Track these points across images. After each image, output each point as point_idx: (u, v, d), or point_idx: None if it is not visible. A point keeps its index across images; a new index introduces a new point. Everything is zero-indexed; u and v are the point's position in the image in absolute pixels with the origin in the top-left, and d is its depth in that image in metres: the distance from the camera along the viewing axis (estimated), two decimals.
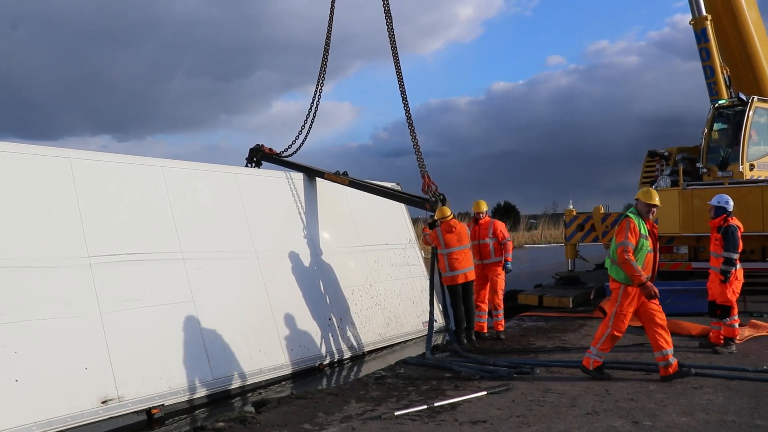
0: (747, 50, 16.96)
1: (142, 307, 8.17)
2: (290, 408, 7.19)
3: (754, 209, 13.89)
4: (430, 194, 10.62)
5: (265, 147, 12.72)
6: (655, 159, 18.34)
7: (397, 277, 12.88)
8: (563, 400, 7.03)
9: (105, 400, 7.28)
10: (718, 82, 16.52)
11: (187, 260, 9.01)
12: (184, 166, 9.89)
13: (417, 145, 10.80)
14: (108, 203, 8.43)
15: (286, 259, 10.66)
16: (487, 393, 7.33)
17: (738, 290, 9.50)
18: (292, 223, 11.24)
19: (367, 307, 11.76)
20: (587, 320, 12.30)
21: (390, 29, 10.92)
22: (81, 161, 8.37)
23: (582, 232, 18.10)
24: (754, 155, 15.66)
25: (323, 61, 12.35)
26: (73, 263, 7.69)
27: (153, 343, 8.09)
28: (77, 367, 7.23)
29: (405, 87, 10.98)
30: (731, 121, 16.29)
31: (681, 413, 6.43)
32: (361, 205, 12.68)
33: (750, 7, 17.00)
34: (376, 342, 11.56)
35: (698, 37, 16.47)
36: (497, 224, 11.06)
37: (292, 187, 11.62)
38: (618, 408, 6.67)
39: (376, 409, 6.93)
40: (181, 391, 8.09)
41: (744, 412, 6.42)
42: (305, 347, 10.09)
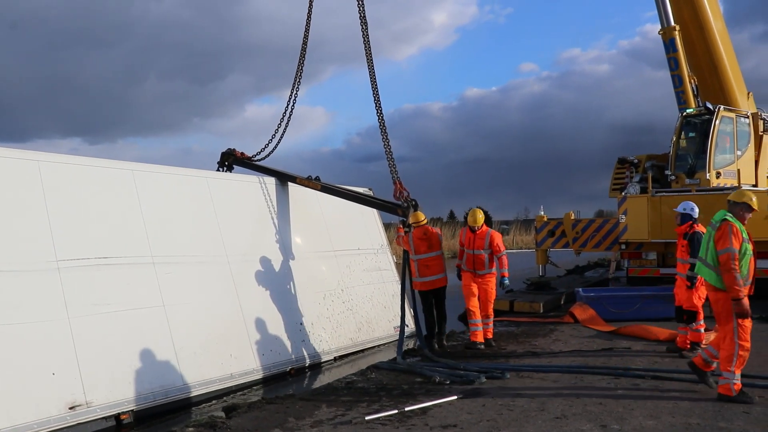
0: (713, 60, 17.29)
1: (111, 312, 8.08)
2: (261, 413, 7.16)
3: None
4: (401, 200, 10.65)
5: (237, 151, 12.66)
6: (625, 166, 18.60)
7: (369, 282, 12.89)
8: (533, 404, 7.09)
9: (73, 406, 7.19)
10: (686, 91, 16.83)
11: (157, 264, 8.93)
12: (155, 169, 9.81)
13: (389, 151, 10.83)
14: (77, 207, 8.34)
15: (258, 263, 10.62)
16: (458, 397, 7.37)
17: (704, 296, 9.65)
18: (263, 227, 11.20)
19: (339, 312, 11.75)
20: (558, 325, 12.42)
21: (365, 35, 10.94)
22: (49, 164, 8.26)
23: (553, 238, 18.28)
24: (720, 163, 15.95)
25: (299, 65, 12.35)
26: (41, 267, 7.58)
27: (122, 348, 8.00)
28: (44, 372, 7.13)
29: (379, 92, 11.01)
30: (698, 130, 16.60)
31: (648, 417, 6.53)
32: (333, 210, 12.68)
33: (716, 18, 17.34)
34: (348, 347, 11.55)
35: (667, 46, 16.77)
36: (494, 236, 10.59)
37: (264, 191, 11.58)
38: (587, 412, 6.75)
39: (346, 414, 6.93)
40: (150, 396, 8.01)
41: (708, 415, 6.53)
42: (276, 352, 10.05)
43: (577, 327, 12.15)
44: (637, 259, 15.75)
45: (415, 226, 10.32)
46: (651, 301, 12.65)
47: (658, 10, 16.85)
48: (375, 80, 11.01)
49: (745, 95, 18.16)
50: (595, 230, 17.85)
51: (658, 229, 14.96)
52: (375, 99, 10.99)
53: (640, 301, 12.69)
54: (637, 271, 15.61)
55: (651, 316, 12.15)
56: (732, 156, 16.17)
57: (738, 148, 16.32)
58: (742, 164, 16.22)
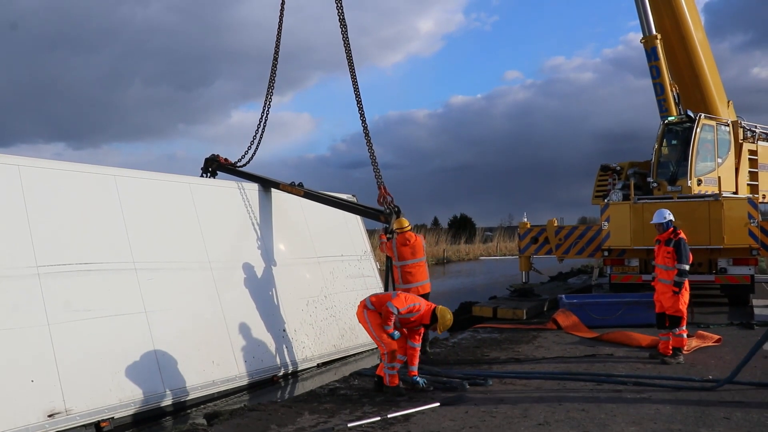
0: (694, 69, 17.48)
1: (92, 318, 8.01)
2: (243, 420, 7.11)
3: (701, 223, 14.27)
4: (385, 206, 10.65)
5: (220, 157, 12.62)
6: (608, 173, 18.73)
7: (353, 288, 12.86)
8: (516, 411, 7.10)
9: (52, 414, 7.10)
10: (668, 99, 16.98)
11: (139, 270, 8.87)
12: (137, 175, 9.75)
13: (373, 157, 10.83)
14: (58, 212, 8.26)
15: (241, 270, 10.57)
16: (441, 404, 7.37)
17: (687, 301, 9.74)
18: (246, 233, 11.16)
19: (322, 318, 11.72)
20: (540, 332, 12.45)
21: (345, 39, 10.94)
22: (30, 169, 8.18)
23: (536, 245, 18.33)
24: (701, 171, 16.09)
25: (272, 70, 12.37)
26: (20, 273, 7.51)
27: (103, 355, 7.93)
28: (23, 379, 7.05)
29: (361, 99, 11.03)
30: (680, 138, 16.74)
31: (630, 423, 6.55)
32: (317, 216, 12.66)
33: (696, 27, 17.54)
34: (331, 353, 11.52)
35: (649, 55, 16.93)
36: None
37: (247, 197, 11.54)
38: (569, 418, 6.76)
39: (329, 421, 6.90)
40: (131, 403, 7.94)
41: (690, 421, 6.57)
42: (259, 359, 10.00)
43: (560, 333, 12.18)
44: (619, 266, 15.82)
45: (399, 233, 10.29)
46: (634, 308, 12.72)
47: (639, 19, 17.01)
48: (357, 85, 11.02)
49: (726, 104, 18.37)
50: (578, 237, 17.91)
51: (640, 236, 15.04)
52: (358, 105, 11.00)
53: (622, 308, 12.75)
54: (620, 277, 15.67)
55: (634, 322, 12.22)
56: (713, 164, 16.31)
57: (719, 156, 16.47)
58: (723, 172, 16.37)
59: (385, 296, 8.33)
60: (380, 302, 8.14)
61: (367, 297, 8.39)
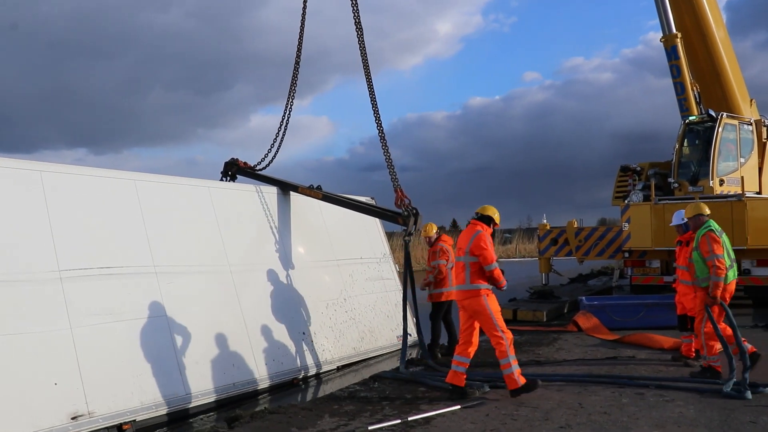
0: (715, 68, 17.31)
1: (113, 322, 8.06)
2: (263, 423, 7.13)
3: (724, 224, 14.01)
4: (402, 208, 10.64)
5: (239, 161, 12.66)
6: (628, 174, 18.62)
7: (372, 291, 12.85)
8: (537, 413, 7.05)
9: (75, 416, 7.15)
10: (689, 99, 16.84)
11: (159, 274, 8.91)
12: (157, 179, 9.80)
13: (389, 159, 10.81)
14: (79, 217, 8.32)
15: (260, 273, 10.60)
16: (461, 407, 7.34)
17: None
18: (266, 237, 11.18)
19: (342, 321, 11.72)
20: (561, 334, 12.38)
21: (360, 41, 10.92)
22: (52, 174, 8.25)
23: (556, 246, 18.27)
24: (723, 171, 15.94)
25: (294, 74, 12.36)
26: (43, 277, 7.57)
27: (124, 358, 7.97)
28: (46, 382, 7.10)
29: (377, 101, 10.96)
30: (701, 137, 16.60)
31: (653, 426, 6.49)
32: (336, 219, 12.66)
33: (718, 26, 17.37)
34: (351, 356, 11.51)
35: (669, 54, 16.80)
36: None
37: (266, 201, 11.57)
38: (591, 422, 6.71)
39: (349, 424, 6.90)
40: (153, 406, 7.97)
41: (714, 425, 6.49)
42: (279, 361, 10.02)
43: (580, 336, 12.11)
44: (640, 267, 15.73)
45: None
46: (655, 309, 12.62)
47: (659, 18, 16.89)
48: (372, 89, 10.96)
49: (748, 102, 18.17)
50: (598, 238, 17.84)
51: (661, 237, 14.93)
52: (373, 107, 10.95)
53: (644, 310, 12.65)
54: (641, 279, 15.58)
55: (655, 324, 12.11)
56: (735, 163, 16.17)
57: (741, 156, 16.32)
58: (746, 171, 16.21)
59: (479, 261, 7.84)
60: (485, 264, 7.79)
61: (468, 279, 7.85)
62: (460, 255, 8.14)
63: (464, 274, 7.96)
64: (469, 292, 7.90)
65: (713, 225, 8.71)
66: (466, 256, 7.98)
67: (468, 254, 7.95)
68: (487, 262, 7.89)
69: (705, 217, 8.86)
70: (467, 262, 7.96)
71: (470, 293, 7.89)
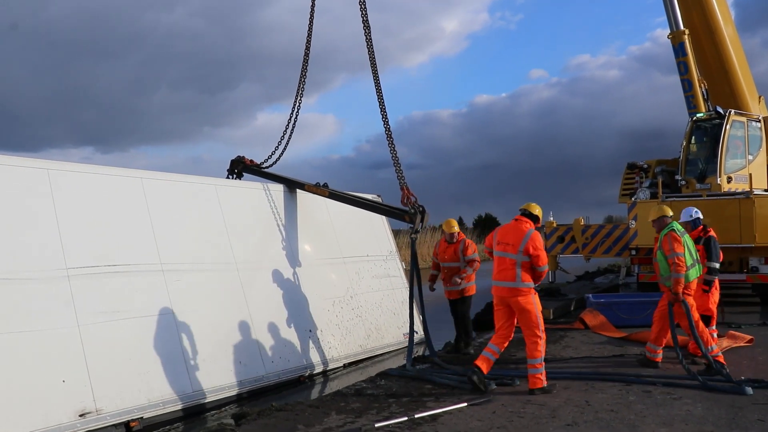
0: (724, 64, 17.21)
1: (120, 319, 8.08)
2: (270, 420, 7.14)
3: (731, 221, 14.08)
4: (409, 206, 10.63)
5: (246, 158, 12.67)
6: (635, 171, 18.54)
7: (378, 288, 12.86)
8: (544, 411, 7.04)
9: (83, 413, 7.18)
10: (696, 96, 16.75)
11: (166, 272, 8.93)
12: (164, 177, 9.82)
13: (395, 157, 10.79)
14: (86, 214, 8.35)
15: (267, 270, 10.61)
16: (468, 405, 7.33)
17: (717, 300, 9.60)
18: (272, 234, 11.20)
19: (348, 318, 11.73)
20: (568, 332, 12.35)
21: (368, 39, 10.91)
22: (59, 172, 8.28)
23: (562, 244, 18.22)
24: (731, 168, 15.86)
25: (302, 72, 12.34)
26: (50, 275, 7.59)
27: (132, 356, 8.00)
28: (54, 379, 7.13)
29: (384, 99, 10.95)
30: (709, 134, 16.52)
31: (661, 424, 6.47)
32: (342, 216, 12.67)
33: (726, 22, 17.27)
34: (357, 354, 11.52)
35: (676, 51, 16.71)
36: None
37: (273, 198, 11.58)
38: (598, 419, 6.69)
39: (356, 421, 6.90)
40: (160, 403, 8.00)
41: (722, 423, 6.47)
42: (285, 359, 10.03)
43: (587, 333, 12.08)
44: (647, 265, 15.64)
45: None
46: None
47: (667, 15, 16.80)
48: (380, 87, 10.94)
49: (757, 99, 18.07)
50: (605, 236, 17.78)
51: None
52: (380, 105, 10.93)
53: (651, 307, 12.58)
54: (648, 276, 15.50)
55: None
56: (743, 160, 16.08)
57: (749, 153, 16.22)
58: (754, 169, 16.11)
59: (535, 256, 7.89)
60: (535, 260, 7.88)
61: (519, 268, 7.87)
62: (505, 251, 8.05)
63: (514, 271, 7.92)
64: (519, 290, 7.90)
65: (676, 226, 9.05)
66: (519, 255, 7.92)
67: (521, 252, 7.91)
68: (542, 263, 7.95)
69: (668, 219, 9.19)
70: (519, 261, 7.92)
71: (521, 291, 7.90)
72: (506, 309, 8.09)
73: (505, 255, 8.03)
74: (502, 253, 8.08)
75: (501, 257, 8.09)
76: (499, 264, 8.13)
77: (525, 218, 8.24)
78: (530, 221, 8.22)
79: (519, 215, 8.32)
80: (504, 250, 8.07)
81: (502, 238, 8.15)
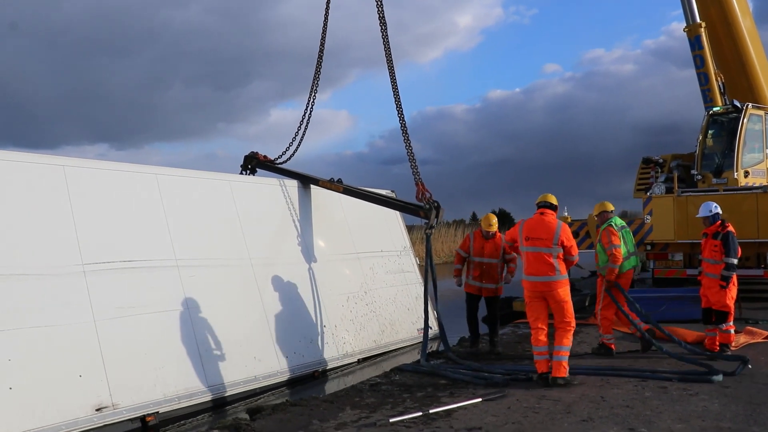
0: (741, 58, 17.06)
1: (136, 315, 8.13)
2: (285, 415, 7.16)
3: (749, 216, 13.95)
4: (424, 202, 10.61)
5: (259, 154, 12.68)
6: (650, 166, 18.42)
7: (392, 284, 12.86)
8: (559, 406, 7.02)
9: (99, 408, 7.23)
10: (713, 89, 16.62)
11: (181, 267, 8.97)
12: (178, 173, 9.87)
13: (411, 153, 10.78)
14: (102, 210, 8.39)
15: (281, 266, 10.63)
16: (482, 400, 7.32)
17: (734, 296, 9.52)
18: (286, 230, 11.21)
19: (362, 314, 11.73)
20: (582, 327, 12.28)
21: (384, 35, 10.90)
22: (75, 169, 8.33)
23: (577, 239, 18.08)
24: (748, 162, 15.73)
25: (317, 68, 12.34)
26: (66, 271, 7.64)
27: (147, 351, 8.04)
28: (71, 374, 7.18)
29: (399, 95, 10.96)
30: (726, 128, 16.38)
31: (677, 420, 6.42)
32: (356, 212, 12.66)
33: (744, 15, 17.11)
34: (371, 349, 11.53)
35: (692, 44, 16.58)
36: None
37: (287, 194, 11.59)
38: (614, 415, 6.66)
39: (371, 416, 6.90)
40: (175, 398, 8.04)
41: (740, 419, 6.41)
42: (300, 354, 10.06)
43: None
44: (662, 260, 15.57)
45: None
46: (677, 303, 12.50)
47: (683, 7, 16.67)
48: (395, 83, 10.94)
49: None
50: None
51: (684, 230, 14.77)
52: (396, 101, 10.93)
53: (666, 303, 12.53)
54: (663, 272, 15.42)
55: (678, 317, 11.97)
56: (761, 154, 15.95)
57: (767, 147, 16.07)
58: None
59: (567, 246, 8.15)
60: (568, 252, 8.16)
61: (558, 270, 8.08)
62: (539, 245, 8.11)
63: (552, 264, 8.04)
64: (558, 283, 8.09)
65: (615, 221, 9.88)
66: (553, 248, 8.05)
67: (555, 245, 8.06)
68: (575, 252, 8.24)
69: (609, 214, 9.99)
70: (554, 253, 8.06)
71: (560, 283, 8.10)
72: (542, 302, 8.22)
73: (540, 250, 8.10)
74: (536, 248, 8.13)
75: (535, 252, 8.14)
76: (534, 259, 8.15)
77: (549, 210, 8.37)
78: (554, 212, 8.40)
79: (542, 209, 8.38)
80: (537, 245, 8.13)
81: (532, 233, 8.20)
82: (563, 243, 8.07)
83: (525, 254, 8.25)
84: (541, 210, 8.37)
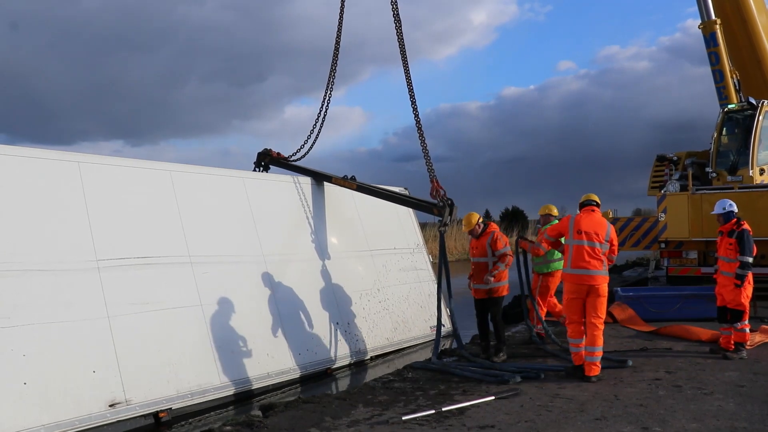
0: (757, 54, 16.93)
1: (150, 311, 8.17)
2: (297, 412, 7.17)
3: (764, 214, 13.82)
4: (438, 199, 10.59)
5: (273, 151, 12.70)
6: (664, 164, 18.29)
7: (405, 281, 12.85)
8: (572, 405, 6.99)
9: (113, 404, 7.28)
10: (728, 87, 16.49)
11: (195, 264, 9.01)
12: (192, 170, 9.90)
13: (426, 150, 10.76)
14: (116, 207, 8.44)
15: (294, 263, 10.65)
16: (495, 398, 7.30)
17: (750, 294, 9.44)
18: (299, 227, 11.23)
19: (375, 311, 11.74)
20: None
21: (399, 33, 10.89)
22: (89, 165, 8.38)
23: None
24: (764, 160, 15.59)
25: (332, 66, 12.33)
26: (81, 267, 7.70)
27: (161, 347, 8.09)
28: (85, 370, 7.23)
29: (414, 92, 10.93)
30: (741, 126, 16.24)
31: (691, 419, 6.38)
32: (369, 209, 12.66)
33: (760, 11, 16.96)
34: (384, 347, 11.53)
35: (707, 41, 16.45)
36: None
37: (300, 191, 11.61)
38: (627, 413, 6.63)
39: (383, 414, 6.90)
40: (188, 394, 8.08)
41: (755, 419, 6.36)
42: (313, 351, 10.07)
43: (616, 327, 11.95)
44: (677, 258, 15.46)
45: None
46: (692, 301, 12.39)
47: (698, 5, 16.55)
48: (410, 80, 10.93)
49: None
50: (634, 229, 17.60)
51: (698, 228, 14.67)
52: (411, 99, 10.91)
53: (680, 301, 12.44)
54: (678, 270, 15.32)
55: (692, 316, 11.90)
56: None
57: None
58: None
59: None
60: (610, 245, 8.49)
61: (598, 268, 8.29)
62: (592, 239, 8.32)
63: (601, 259, 8.32)
64: (605, 278, 8.36)
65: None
66: (605, 244, 8.39)
67: (606, 242, 8.41)
68: (617, 252, 8.70)
69: (552, 217, 10.75)
70: (604, 249, 8.38)
71: (606, 278, 8.38)
72: (581, 300, 8.35)
73: (593, 244, 8.30)
74: (588, 242, 8.31)
75: (588, 246, 8.31)
76: (584, 253, 8.29)
77: (597, 208, 8.73)
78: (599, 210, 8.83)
79: (589, 206, 8.69)
80: (590, 239, 8.32)
81: (587, 228, 8.37)
82: (612, 241, 8.48)
83: (574, 247, 8.36)
84: (590, 207, 8.65)
